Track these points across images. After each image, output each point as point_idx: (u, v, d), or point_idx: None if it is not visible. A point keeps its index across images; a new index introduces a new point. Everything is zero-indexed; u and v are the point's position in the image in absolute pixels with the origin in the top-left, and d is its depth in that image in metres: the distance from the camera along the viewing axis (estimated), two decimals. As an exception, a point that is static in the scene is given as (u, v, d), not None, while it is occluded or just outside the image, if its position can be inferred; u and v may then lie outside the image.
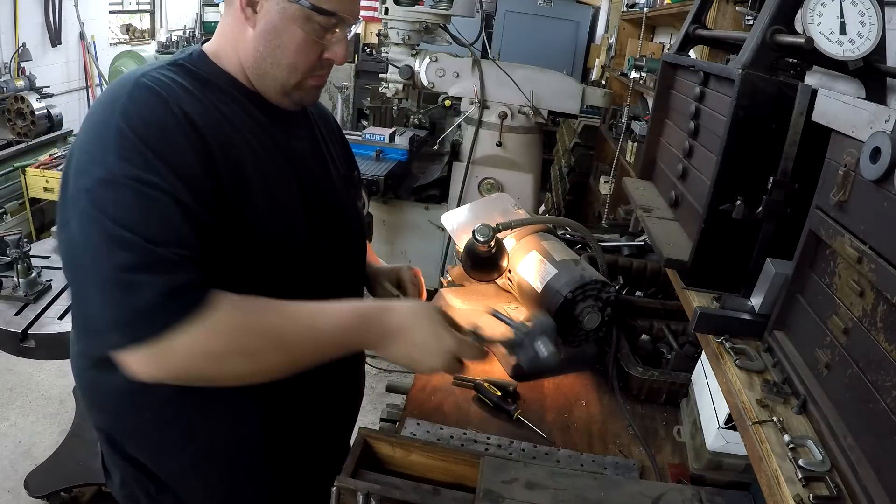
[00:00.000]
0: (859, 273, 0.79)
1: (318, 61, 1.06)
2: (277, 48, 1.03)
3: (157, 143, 0.90)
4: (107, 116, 0.92)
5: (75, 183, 0.90)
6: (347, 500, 1.10)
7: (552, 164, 5.60)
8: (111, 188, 0.87)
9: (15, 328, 1.92)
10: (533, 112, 3.19)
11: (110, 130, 0.90)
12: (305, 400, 1.18)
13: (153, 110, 0.93)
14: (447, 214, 1.88)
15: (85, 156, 0.92)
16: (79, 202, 0.88)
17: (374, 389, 3.30)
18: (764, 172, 1.03)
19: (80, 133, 0.97)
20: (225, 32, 1.08)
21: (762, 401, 0.92)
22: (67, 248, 0.92)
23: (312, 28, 1.01)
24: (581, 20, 7.00)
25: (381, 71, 3.42)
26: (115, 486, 1.19)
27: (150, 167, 0.88)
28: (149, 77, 0.97)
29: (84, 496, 2.46)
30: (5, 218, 4.16)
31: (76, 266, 0.90)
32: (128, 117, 0.91)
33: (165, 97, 0.94)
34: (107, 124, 0.91)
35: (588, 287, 1.49)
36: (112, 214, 0.86)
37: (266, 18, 1.01)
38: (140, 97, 0.93)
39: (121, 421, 1.12)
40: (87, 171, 0.90)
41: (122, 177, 0.87)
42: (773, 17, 1.03)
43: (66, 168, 0.95)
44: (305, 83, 1.08)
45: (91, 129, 0.94)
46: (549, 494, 1.10)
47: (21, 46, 4.79)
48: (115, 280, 0.84)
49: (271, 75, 1.05)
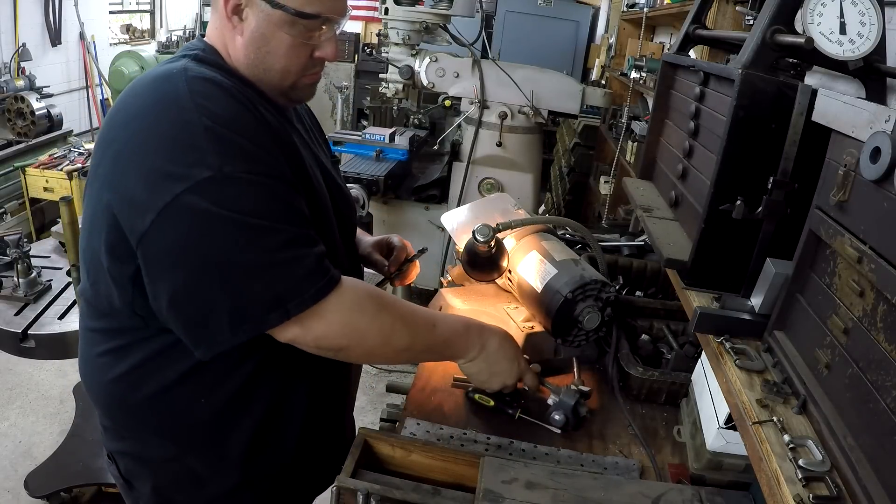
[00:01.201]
0: (859, 273, 0.79)
1: (310, 60, 1.07)
2: (268, 54, 1.03)
3: (248, 134, 0.93)
4: (176, 115, 0.91)
5: (166, 187, 0.88)
6: (347, 500, 1.10)
7: (552, 164, 5.60)
8: (226, 184, 0.89)
9: (15, 328, 1.92)
10: (533, 112, 3.20)
11: (196, 129, 0.89)
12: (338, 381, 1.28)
13: (227, 103, 0.94)
14: (447, 214, 1.88)
15: (168, 161, 0.89)
16: (187, 205, 0.88)
17: (374, 389, 3.30)
18: (764, 172, 1.03)
19: (129, 135, 0.93)
20: (215, 37, 1.07)
21: (762, 401, 0.92)
22: (177, 252, 0.91)
23: (299, 31, 1.01)
24: (581, 20, 7.00)
25: (381, 71, 3.42)
26: (145, 494, 1.17)
27: (252, 158, 0.92)
28: (193, 71, 0.96)
29: (84, 496, 2.46)
30: (5, 218, 4.16)
31: (198, 266, 0.91)
32: (209, 113, 0.91)
33: (223, 86, 0.95)
34: (186, 124, 0.90)
35: (588, 287, 1.49)
36: (238, 208, 0.89)
37: (252, 26, 1.01)
38: (207, 92, 0.93)
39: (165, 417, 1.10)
40: (182, 174, 0.88)
41: (232, 172, 0.89)
42: (773, 17, 1.03)
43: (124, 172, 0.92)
44: (300, 82, 1.09)
45: (159, 131, 0.91)
46: (549, 494, 1.09)
47: (21, 46, 4.80)
48: (269, 262, 0.91)
49: (265, 80, 1.06)
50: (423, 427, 1.40)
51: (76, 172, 4.11)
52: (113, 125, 0.98)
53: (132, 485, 1.18)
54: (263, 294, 0.93)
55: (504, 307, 1.73)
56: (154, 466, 1.15)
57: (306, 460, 1.24)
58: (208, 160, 0.88)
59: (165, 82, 0.95)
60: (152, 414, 1.11)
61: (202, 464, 1.14)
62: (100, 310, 1.07)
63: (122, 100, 1.00)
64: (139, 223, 0.91)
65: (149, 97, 0.95)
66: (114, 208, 0.94)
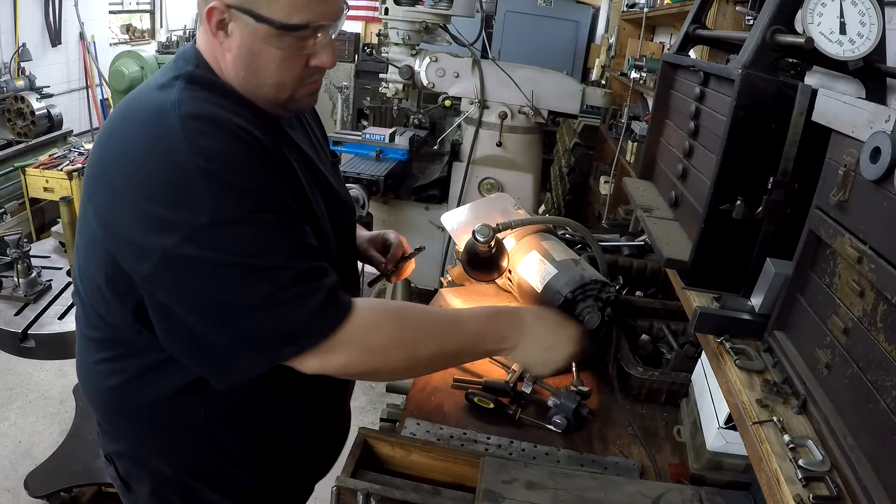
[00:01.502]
0: (859, 273, 0.79)
1: (306, 70, 1.01)
2: (258, 69, 0.97)
3: (245, 170, 0.90)
4: (169, 155, 0.87)
5: (163, 234, 0.86)
6: (347, 500, 1.10)
7: (552, 164, 5.60)
8: (224, 228, 0.87)
9: (15, 328, 1.93)
10: (533, 112, 3.19)
11: (190, 170, 0.86)
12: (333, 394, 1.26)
13: (221, 139, 0.90)
14: (447, 214, 1.88)
15: (162, 206, 0.86)
16: (186, 254, 0.86)
17: (374, 389, 3.30)
18: (764, 172, 1.03)
19: (123, 174, 0.90)
20: (206, 49, 1.01)
21: (762, 401, 0.92)
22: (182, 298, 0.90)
23: (289, 44, 0.95)
24: (581, 20, 7.00)
25: (381, 71, 3.42)
26: (143, 497, 1.16)
27: (250, 195, 0.89)
28: (186, 105, 0.91)
29: (84, 496, 2.46)
30: (5, 218, 4.16)
31: (204, 309, 0.90)
32: (203, 153, 0.87)
33: (216, 121, 0.91)
34: (180, 165, 0.86)
35: (588, 287, 1.49)
36: (238, 251, 0.88)
37: (238, 42, 0.95)
38: (200, 129, 0.89)
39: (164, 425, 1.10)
40: (178, 221, 0.86)
41: (229, 214, 0.87)
42: (773, 17, 1.03)
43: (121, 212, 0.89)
44: (298, 94, 1.03)
45: (152, 173, 0.87)
46: (549, 494, 1.10)
47: (21, 46, 4.80)
48: (276, 301, 0.90)
49: (260, 95, 1.01)
50: (423, 427, 1.40)
51: (76, 172, 4.11)
52: (106, 153, 0.94)
53: (130, 487, 1.18)
54: (274, 331, 0.92)
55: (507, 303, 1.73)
56: (152, 470, 1.14)
57: (305, 458, 1.24)
58: (204, 204, 0.85)
59: (159, 118, 0.90)
60: (151, 421, 1.10)
61: (202, 469, 1.14)
62: (96, 323, 1.06)
63: (115, 125, 0.96)
64: (139, 266, 0.90)
65: (142, 134, 0.91)
66: (109, 246, 0.92)
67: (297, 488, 1.29)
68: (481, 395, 1.45)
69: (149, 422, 1.10)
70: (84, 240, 1.00)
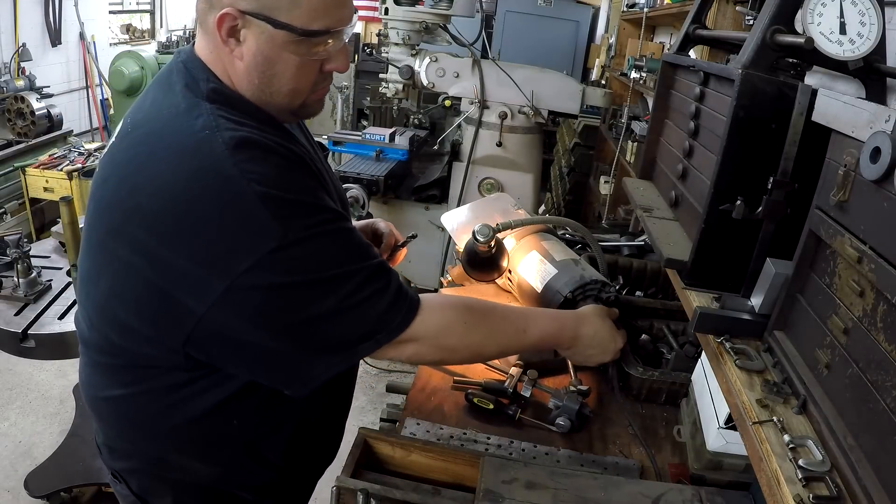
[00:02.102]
0: (859, 273, 0.79)
1: (319, 76, 1.00)
2: (274, 77, 0.95)
3: (298, 186, 0.91)
4: (224, 187, 0.85)
5: (229, 264, 0.85)
6: (347, 500, 1.10)
7: (552, 164, 5.60)
8: (294, 249, 0.87)
9: (15, 328, 1.92)
10: (533, 112, 3.19)
11: (249, 198, 0.84)
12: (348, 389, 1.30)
13: (268, 162, 0.88)
14: (447, 214, 1.88)
15: (227, 237, 0.85)
16: (256, 281, 0.86)
17: (374, 389, 3.30)
18: (764, 172, 1.03)
19: (165, 213, 0.86)
20: (211, 59, 0.97)
21: (762, 401, 0.92)
22: (254, 322, 0.90)
23: (307, 49, 0.94)
24: (581, 20, 7.00)
25: (381, 71, 3.42)
26: (133, 489, 1.14)
27: (310, 211, 0.90)
28: (224, 131, 0.88)
29: (84, 496, 2.46)
30: (5, 218, 4.16)
31: (281, 330, 0.91)
32: (257, 178, 0.85)
33: (259, 144, 0.90)
34: (238, 197, 0.84)
35: (588, 287, 1.49)
36: (310, 268, 0.89)
37: (253, 49, 0.92)
38: (246, 155, 0.87)
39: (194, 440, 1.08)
40: (246, 249, 0.85)
41: (296, 234, 0.87)
42: (773, 17, 1.03)
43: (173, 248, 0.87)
44: (310, 99, 1.02)
45: (208, 208, 0.85)
46: (549, 494, 1.10)
47: (21, 46, 4.80)
48: (351, 305, 0.92)
49: (273, 103, 0.99)
50: (423, 427, 1.40)
51: (76, 172, 4.11)
52: (136, 187, 0.89)
53: (148, 502, 1.15)
54: (352, 333, 0.95)
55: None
56: (174, 483, 1.12)
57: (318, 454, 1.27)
58: (271, 229, 0.85)
59: (198, 148, 0.87)
60: (178, 438, 1.08)
61: (230, 476, 1.14)
62: (115, 351, 1.02)
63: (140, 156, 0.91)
64: (201, 299, 0.87)
65: (183, 165, 0.87)
66: (160, 282, 0.89)
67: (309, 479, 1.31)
68: (481, 396, 1.45)
69: (176, 439, 1.07)
70: (108, 271, 0.95)
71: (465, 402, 1.47)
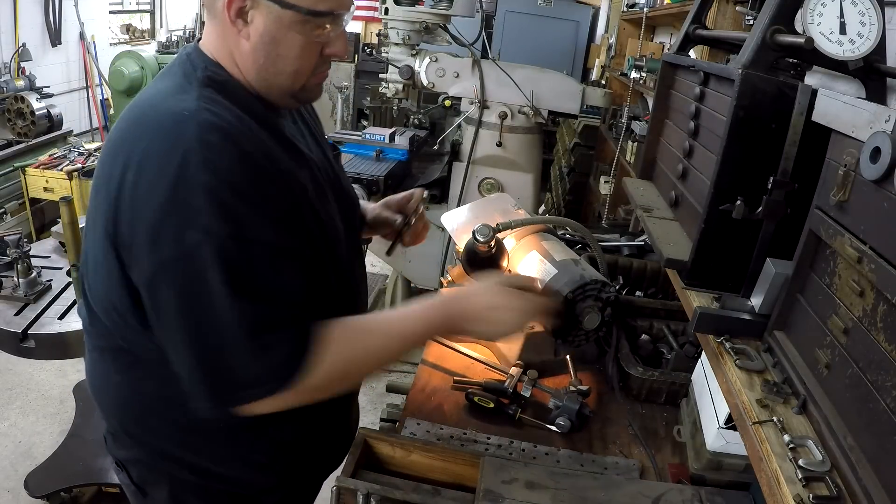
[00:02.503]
0: (859, 273, 0.79)
1: (320, 59, 1.04)
2: (278, 57, 0.99)
3: (249, 193, 0.89)
4: (181, 170, 0.86)
5: (162, 244, 0.87)
6: (347, 500, 1.10)
7: (552, 164, 5.60)
8: (219, 250, 0.86)
9: (15, 328, 1.92)
10: (533, 112, 3.19)
11: (196, 189, 0.85)
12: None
13: (232, 157, 0.89)
14: (447, 214, 1.87)
15: (167, 216, 0.86)
16: (177, 269, 0.87)
17: (374, 389, 3.30)
18: (764, 172, 1.03)
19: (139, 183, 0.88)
20: (217, 45, 1.01)
21: (762, 401, 0.92)
22: (172, 307, 0.90)
23: (311, 30, 0.98)
24: (581, 20, 7.00)
25: (381, 71, 3.41)
26: (160, 500, 1.16)
27: (247, 222, 0.88)
28: (206, 113, 0.90)
29: (84, 496, 2.46)
30: (5, 218, 4.16)
31: (184, 327, 0.90)
32: (212, 171, 0.86)
33: (235, 137, 0.90)
34: (189, 182, 0.86)
35: (588, 287, 1.49)
36: (223, 278, 0.86)
37: (260, 29, 0.96)
38: (213, 144, 0.88)
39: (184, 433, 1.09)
40: (177, 236, 0.86)
41: (225, 237, 0.86)
42: (773, 17, 1.03)
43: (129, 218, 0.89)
44: (310, 83, 1.06)
45: (163, 182, 0.86)
46: (549, 494, 1.10)
47: (21, 46, 4.80)
48: (243, 345, 0.89)
49: (276, 84, 1.02)
50: (423, 427, 1.40)
51: (76, 172, 4.11)
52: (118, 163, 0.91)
53: (146, 492, 1.17)
54: (242, 374, 0.91)
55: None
56: (170, 476, 1.14)
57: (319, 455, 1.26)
58: (202, 222, 0.85)
59: (175, 127, 0.89)
60: (171, 430, 1.09)
61: (226, 471, 1.14)
62: (111, 333, 1.05)
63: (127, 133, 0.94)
64: (140, 273, 0.91)
65: (158, 142, 0.89)
66: (117, 253, 0.92)
67: (312, 481, 1.30)
68: (481, 395, 1.45)
69: (169, 431, 1.09)
70: (93, 248, 0.99)
71: (465, 402, 1.47)
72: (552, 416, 1.41)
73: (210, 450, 1.11)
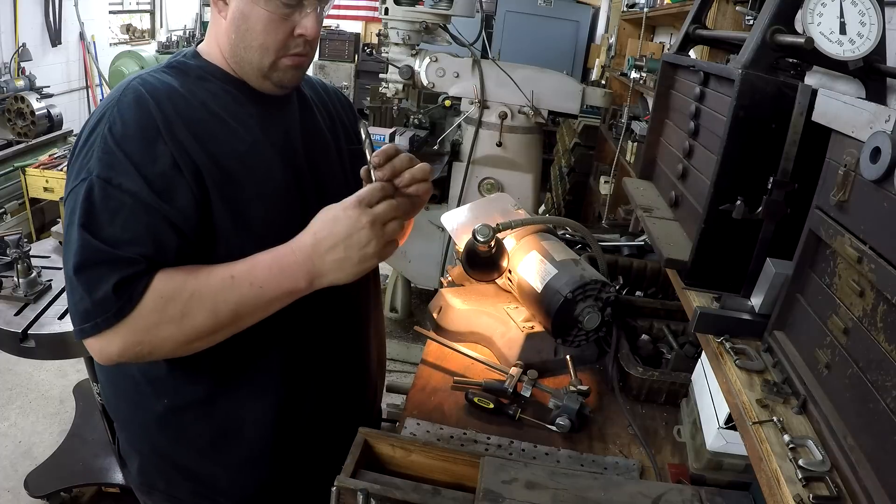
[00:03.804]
0: (859, 273, 0.79)
1: (291, 39, 1.07)
2: (247, 32, 1.05)
3: (131, 148, 0.97)
4: (96, 121, 1.00)
5: (68, 182, 1.00)
6: (347, 500, 1.10)
7: (552, 164, 5.60)
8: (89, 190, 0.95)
9: (15, 328, 1.92)
10: (533, 112, 3.19)
11: (97, 136, 0.98)
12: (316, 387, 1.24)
13: (133, 115, 0.99)
14: (447, 214, 1.87)
15: (76, 158, 1.00)
16: (67, 201, 0.99)
17: (374, 389, 3.30)
18: (764, 172, 1.03)
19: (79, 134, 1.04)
20: (210, 29, 1.14)
21: (762, 401, 0.92)
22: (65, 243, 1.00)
23: (276, 6, 1.03)
24: (581, 20, 7.00)
25: (381, 71, 3.41)
26: (133, 473, 1.23)
27: (121, 171, 0.96)
28: (140, 80, 1.04)
29: (84, 496, 2.46)
30: (5, 218, 4.16)
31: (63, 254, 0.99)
32: (112, 123, 0.98)
33: (148, 100, 1.00)
34: (94, 129, 0.99)
35: (588, 287, 1.49)
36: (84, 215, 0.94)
37: (233, 7, 1.05)
38: (126, 103, 1.00)
39: (139, 408, 1.17)
40: (73, 172, 0.99)
41: (97, 179, 0.95)
42: (773, 17, 1.03)
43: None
44: (280, 63, 1.08)
45: (85, 133, 1.01)
46: (549, 494, 1.09)
47: (21, 46, 4.79)
48: (78, 277, 0.94)
49: (246, 60, 1.08)
50: (424, 427, 1.40)
51: (76, 172, 4.11)
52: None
53: (145, 485, 1.23)
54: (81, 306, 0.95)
55: (504, 307, 1.73)
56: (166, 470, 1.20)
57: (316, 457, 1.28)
58: (90, 164, 0.96)
59: (116, 90, 1.04)
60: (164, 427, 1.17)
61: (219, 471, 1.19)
62: None
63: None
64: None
65: (102, 101, 1.06)
66: None
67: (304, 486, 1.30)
68: (481, 395, 1.45)
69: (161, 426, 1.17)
70: None
71: (465, 402, 1.47)
72: (552, 416, 1.41)
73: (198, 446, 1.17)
